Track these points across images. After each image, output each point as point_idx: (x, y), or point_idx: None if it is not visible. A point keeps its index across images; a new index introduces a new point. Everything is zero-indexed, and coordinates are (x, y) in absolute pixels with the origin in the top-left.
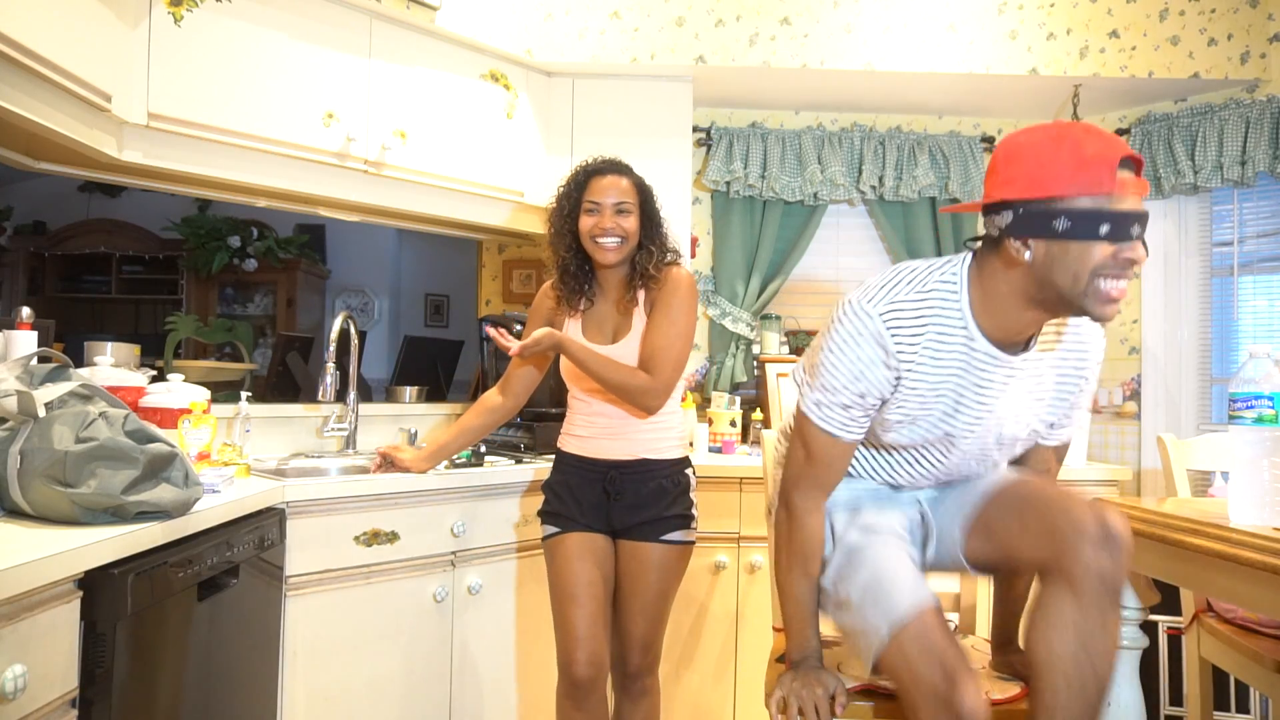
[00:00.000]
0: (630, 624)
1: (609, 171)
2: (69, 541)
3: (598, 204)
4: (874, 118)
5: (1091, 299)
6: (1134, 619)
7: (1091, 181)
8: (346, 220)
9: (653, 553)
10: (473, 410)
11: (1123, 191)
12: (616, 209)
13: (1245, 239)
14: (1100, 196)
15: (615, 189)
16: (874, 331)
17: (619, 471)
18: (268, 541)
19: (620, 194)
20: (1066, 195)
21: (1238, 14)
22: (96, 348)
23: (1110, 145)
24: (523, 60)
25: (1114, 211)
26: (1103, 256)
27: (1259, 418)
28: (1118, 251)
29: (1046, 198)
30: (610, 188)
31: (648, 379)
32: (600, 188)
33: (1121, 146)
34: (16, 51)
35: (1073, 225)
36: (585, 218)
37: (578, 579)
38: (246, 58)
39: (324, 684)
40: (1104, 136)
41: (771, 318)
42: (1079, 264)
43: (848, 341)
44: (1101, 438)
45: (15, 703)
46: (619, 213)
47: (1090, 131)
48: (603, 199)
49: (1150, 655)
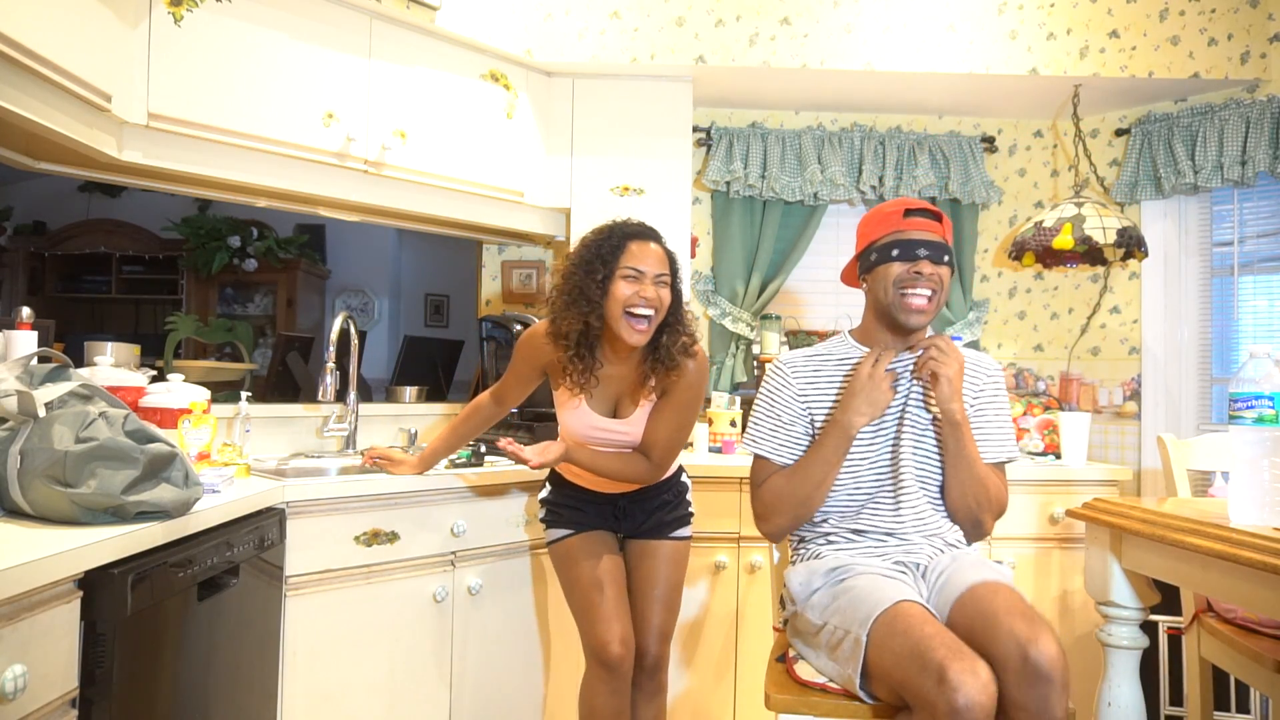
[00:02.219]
0: (649, 613)
1: (649, 238)
2: (69, 541)
3: (640, 272)
4: (874, 118)
5: (897, 308)
6: (1134, 619)
7: (884, 226)
8: (346, 220)
9: (664, 547)
10: (464, 415)
11: (908, 228)
12: (657, 280)
13: (1245, 239)
14: (891, 233)
15: (656, 258)
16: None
17: (625, 499)
18: (268, 541)
19: (660, 264)
20: (875, 239)
21: (1238, 14)
22: (96, 348)
23: (901, 203)
24: (523, 60)
25: (900, 240)
26: (898, 272)
27: (1259, 418)
28: (909, 268)
29: (867, 246)
30: (652, 256)
31: (649, 468)
32: (641, 255)
33: (909, 202)
34: (16, 51)
35: (877, 256)
36: (623, 284)
37: (601, 566)
38: (246, 58)
39: (324, 684)
40: (903, 200)
41: (771, 318)
42: (885, 281)
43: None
44: (1102, 438)
45: (15, 703)
46: (659, 284)
47: (898, 200)
48: (645, 267)
49: (1150, 655)
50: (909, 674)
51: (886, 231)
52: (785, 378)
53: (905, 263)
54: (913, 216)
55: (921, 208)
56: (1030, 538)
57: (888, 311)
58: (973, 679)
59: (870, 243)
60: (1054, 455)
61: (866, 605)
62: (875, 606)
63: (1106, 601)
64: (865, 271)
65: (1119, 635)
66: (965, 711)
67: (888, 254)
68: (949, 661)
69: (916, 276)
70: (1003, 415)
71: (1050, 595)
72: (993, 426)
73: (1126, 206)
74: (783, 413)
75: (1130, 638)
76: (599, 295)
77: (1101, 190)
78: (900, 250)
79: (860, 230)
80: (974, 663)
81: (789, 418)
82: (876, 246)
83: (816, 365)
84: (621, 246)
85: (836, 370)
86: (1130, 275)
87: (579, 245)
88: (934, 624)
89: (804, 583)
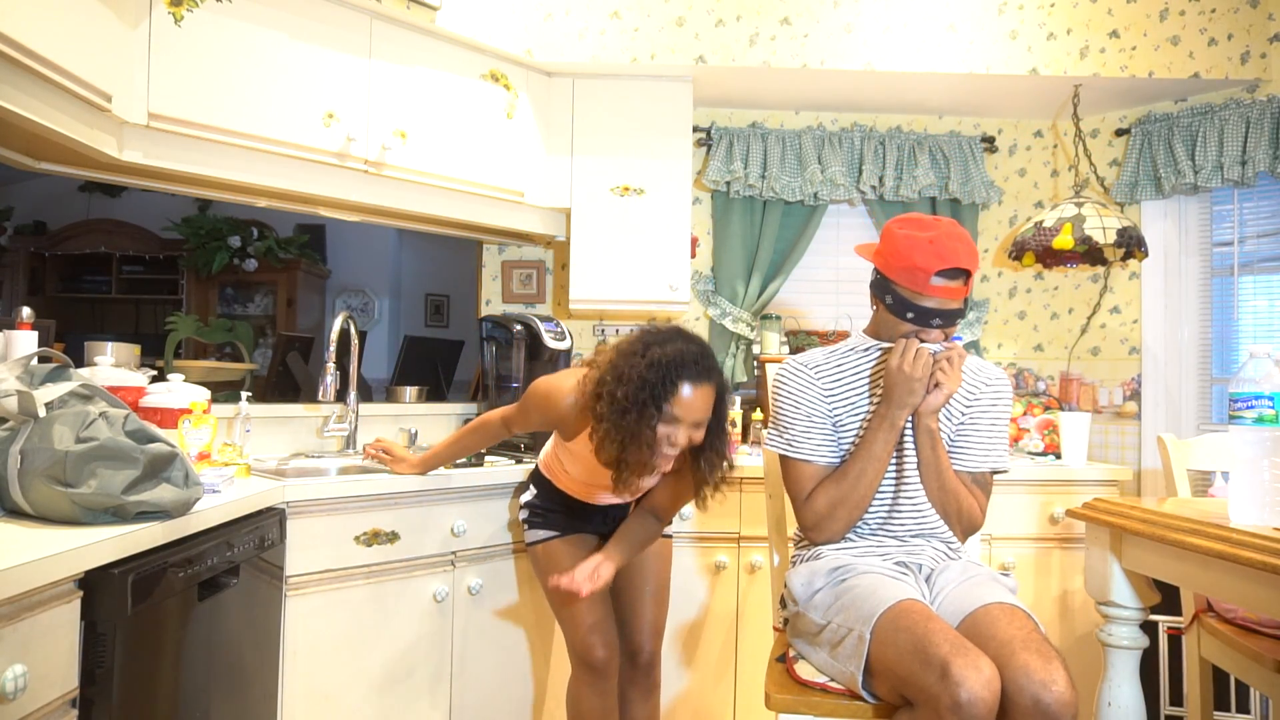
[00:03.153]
0: (643, 609)
1: (705, 382)
2: (69, 541)
3: (680, 420)
4: (874, 118)
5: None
6: (1134, 619)
7: (909, 280)
8: (346, 220)
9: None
10: (472, 429)
11: (932, 294)
12: (696, 425)
13: (1245, 239)
14: (913, 292)
15: (704, 405)
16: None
17: (618, 510)
18: (268, 541)
19: (705, 410)
20: (896, 282)
21: (1238, 14)
22: (97, 348)
23: (938, 258)
24: (523, 60)
25: (918, 306)
26: (908, 329)
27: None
28: (917, 332)
29: (886, 277)
30: (700, 404)
31: (659, 528)
32: (690, 406)
33: (948, 260)
34: (16, 51)
35: (893, 303)
36: (663, 425)
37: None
38: (247, 58)
39: (324, 684)
40: (940, 250)
41: (771, 318)
42: (894, 330)
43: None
44: (1102, 438)
45: (15, 703)
46: (693, 428)
47: (935, 243)
48: (689, 417)
49: (1150, 655)
50: (912, 669)
51: (909, 286)
52: (809, 378)
53: (918, 327)
54: (940, 281)
55: (953, 267)
56: (1030, 538)
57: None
58: (975, 674)
59: (891, 281)
60: (1054, 455)
61: (870, 603)
62: (879, 604)
63: (1106, 601)
64: (878, 297)
65: (1119, 635)
66: (968, 706)
67: (902, 313)
68: (952, 657)
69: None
70: (997, 427)
71: (1050, 595)
72: (982, 436)
73: (1126, 206)
74: (814, 412)
75: (1130, 638)
76: (650, 437)
77: (1101, 190)
78: (916, 317)
79: (886, 249)
80: (977, 658)
81: (820, 417)
82: (895, 293)
83: (838, 362)
84: (675, 388)
85: (858, 368)
86: (1130, 275)
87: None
88: (937, 620)
89: (806, 583)
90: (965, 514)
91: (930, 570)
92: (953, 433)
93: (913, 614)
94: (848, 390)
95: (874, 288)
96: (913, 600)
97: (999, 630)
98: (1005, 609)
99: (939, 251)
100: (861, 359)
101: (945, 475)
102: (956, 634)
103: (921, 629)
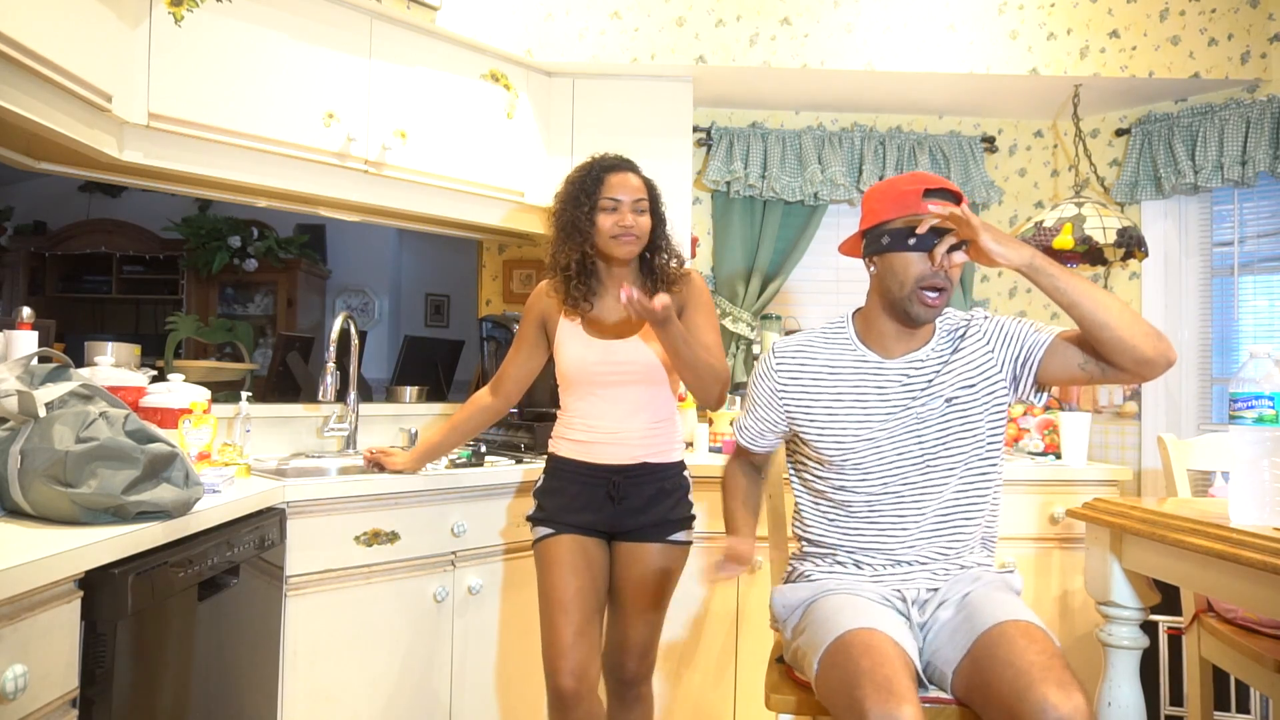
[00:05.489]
0: (629, 629)
1: (624, 169)
2: (69, 541)
3: (617, 201)
4: (874, 118)
5: (913, 303)
6: (1134, 619)
7: (901, 207)
8: (346, 220)
9: (655, 553)
10: (463, 409)
11: (927, 212)
12: (635, 207)
13: (1245, 239)
14: (908, 218)
15: (632, 187)
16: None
17: (622, 476)
18: (268, 541)
19: (637, 192)
20: (886, 219)
21: (1238, 14)
22: (97, 348)
23: (920, 180)
24: (523, 60)
25: (918, 230)
26: (919, 270)
27: (1259, 418)
28: (930, 267)
29: (878, 224)
30: (628, 185)
31: (725, 364)
32: (619, 185)
33: (930, 180)
34: (16, 51)
35: (891, 240)
36: (604, 215)
37: (568, 586)
38: (247, 58)
39: (324, 684)
40: (920, 177)
41: (771, 318)
42: (902, 276)
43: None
44: (1102, 438)
45: (15, 703)
46: (636, 211)
47: (914, 175)
48: (623, 196)
49: (1150, 655)
50: (837, 709)
51: (901, 213)
52: (769, 369)
53: (922, 251)
54: (932, 198)
55: (941, 187)
56: (1030, 538)
57: (899, 304)
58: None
59: (881, 222)
60: (1054, 455)
61: (822, 632)
62: (828, 635)
63: (1107, 601)
64: (873, 252)
65: (1119, 635)
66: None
67: (902, 241)
68: (871, 704)
69: (943, 279)
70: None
71: (1050, 595)
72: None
73: (1127, 206)
74: (758, 403)
75: (1130, 638)
76: (588, 226)
77: (1102, 190)
78: (918, 241)
79: (868, 204)
80: (898, 706)
81: (764, 409)
82: (889, 229)
83: (805, 358)
84: (601, 179)
85: (825, 366)
86: (1130, 275)
87: (564, 183)
88: (874, 656)
89: (785, 604)
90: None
91: (927, 597)
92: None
93: (852, 647)
94: (804, 389)
95: (868, 248)
96: (862, 630)
97: (1016, 656)
98: (1020, 627)
99: (918, 177)
100: (831, 358)
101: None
102: (891, 672)
103: (854, 666)
